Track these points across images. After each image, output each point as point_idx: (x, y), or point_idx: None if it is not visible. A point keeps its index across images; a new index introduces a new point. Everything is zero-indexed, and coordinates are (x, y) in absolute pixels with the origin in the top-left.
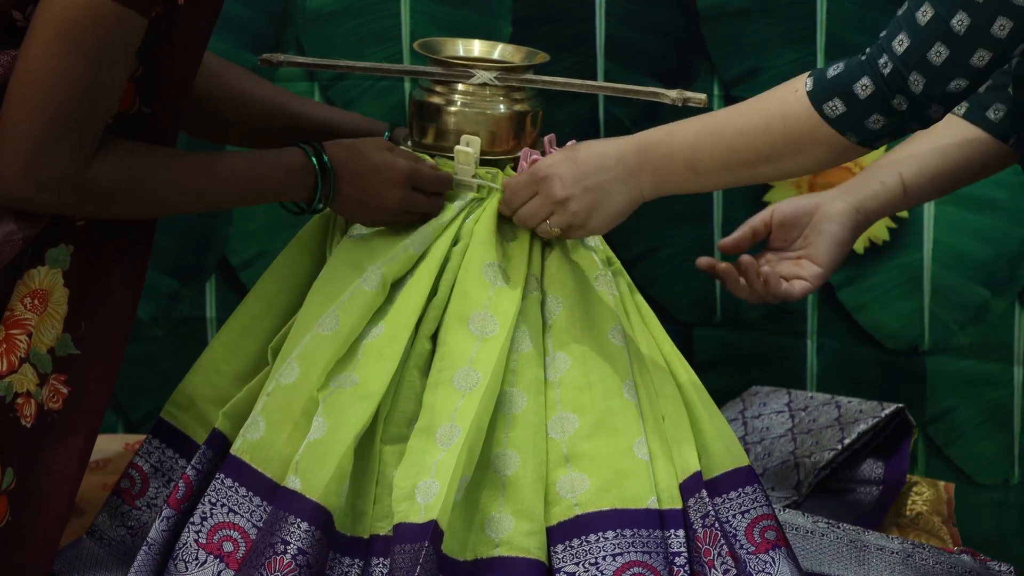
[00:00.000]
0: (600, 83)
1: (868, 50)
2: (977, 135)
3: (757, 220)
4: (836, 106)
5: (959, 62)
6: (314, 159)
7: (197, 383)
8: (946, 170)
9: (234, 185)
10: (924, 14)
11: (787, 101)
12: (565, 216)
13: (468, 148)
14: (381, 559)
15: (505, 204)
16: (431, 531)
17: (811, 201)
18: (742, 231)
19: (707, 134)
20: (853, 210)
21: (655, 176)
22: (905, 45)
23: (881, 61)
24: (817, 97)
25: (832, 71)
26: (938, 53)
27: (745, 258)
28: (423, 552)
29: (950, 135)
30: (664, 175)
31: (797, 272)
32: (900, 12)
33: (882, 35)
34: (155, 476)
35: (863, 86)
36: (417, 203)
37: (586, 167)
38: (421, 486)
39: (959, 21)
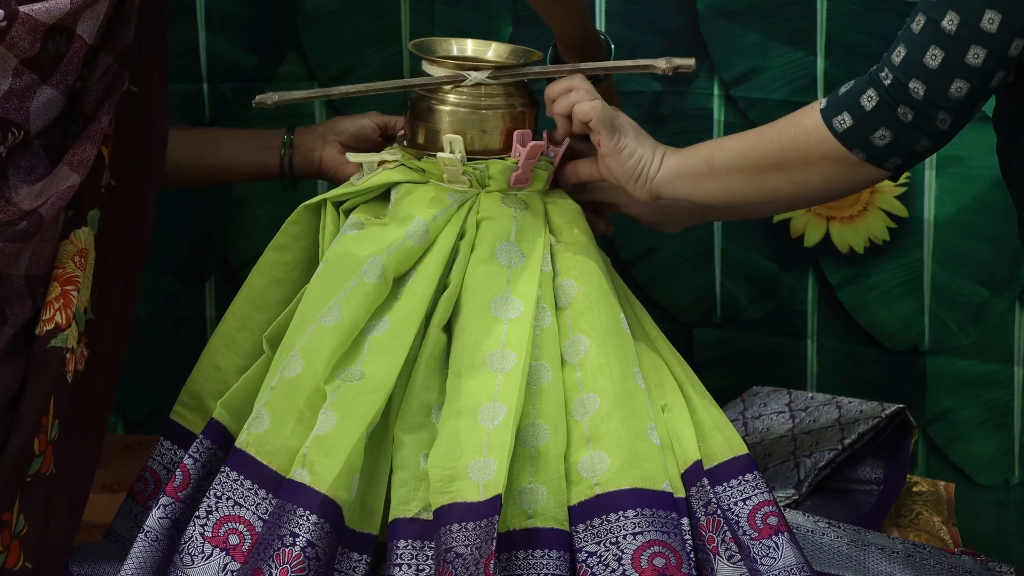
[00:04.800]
0: (589, 64)
1: (873, 67)
2: None
3: None
4: (844, 120)
5: (954, 63)
6: None
7: (200, 380)
8: None
9: None
10: (918, 24)
11: (803, 114)
12: (606, 111)
13: (453, 154)
14: (410, 541)
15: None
16: (498, 505)
17: None
18: None
19: (729, 135)
20: None
21: (676, 156)
22: (902, 55)
23: (883, 74)
24: (828, 113)
25: (844, 88)
26: (933, 56)
27: None
28: (494, 526)
29: None
30: (683, 158)
31: None
32: (900, 31)
33: (885, 53)
34: (166, 477)
35: (868, 97)
36: None
37: (628, 120)
38: (474, 465)
39: (950, 20)
